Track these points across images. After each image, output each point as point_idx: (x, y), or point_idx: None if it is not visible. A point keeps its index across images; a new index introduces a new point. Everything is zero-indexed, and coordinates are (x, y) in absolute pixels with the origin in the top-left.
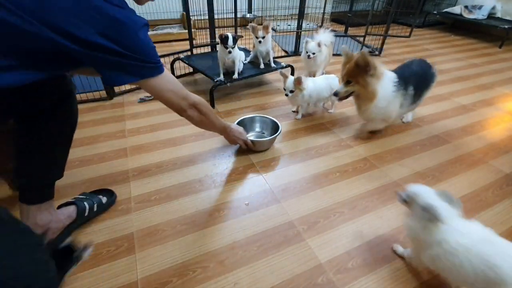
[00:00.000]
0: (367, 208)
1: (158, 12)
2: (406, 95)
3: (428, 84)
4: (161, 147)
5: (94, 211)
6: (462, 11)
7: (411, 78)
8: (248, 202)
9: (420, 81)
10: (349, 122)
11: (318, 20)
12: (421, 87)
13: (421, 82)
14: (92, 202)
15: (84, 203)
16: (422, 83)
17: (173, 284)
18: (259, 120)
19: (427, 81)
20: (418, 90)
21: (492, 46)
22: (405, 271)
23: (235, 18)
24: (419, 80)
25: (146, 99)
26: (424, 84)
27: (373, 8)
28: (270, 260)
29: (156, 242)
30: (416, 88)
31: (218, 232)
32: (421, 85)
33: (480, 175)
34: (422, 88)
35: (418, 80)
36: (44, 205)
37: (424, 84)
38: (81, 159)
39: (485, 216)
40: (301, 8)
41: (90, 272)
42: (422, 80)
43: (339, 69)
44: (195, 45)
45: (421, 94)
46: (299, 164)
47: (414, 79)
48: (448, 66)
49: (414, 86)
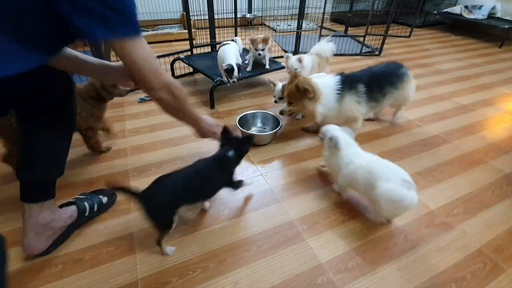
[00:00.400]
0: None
1: (158, 12)
2: (358, 92)
3: (394, 82)
4: (161, 147)
5: (94, 211)
6: (462, 11)
7: (363, 78)
8: (248, 203)
9: (380, 80)
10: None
11: (318, 20)
12: (381, 85)
13: (381, 80)
14: (92, 202)
15: (85, 203)
16: (383, 81)
17: (173, 284)
18: (261, 115)
19: (391, 80)
20: (377, 88)
21: (492, 46)
22: (405, 271)
23: (235, 18)
24: (377, 78)
25: (146, 99)
26: (388, 83)
27: (373, 8)
28: (270, 260)
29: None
30: (371, 85)
31: (218, 232)
32: (382, 83)
33: (480, 175)
34: (383, 86)
35: (375, 78)
36: (46, 204)
37: (387, 82)
38: (81, 159)
39: (485, 216)
40: (301, 8)
41: (90, 272)
42: (382, 78)
43: (339, 69)
44: (195, 45)
45: (384, 92)
46: (299, 164)
47: (368, 78)
48: (448, 66)
49: (366, 84)
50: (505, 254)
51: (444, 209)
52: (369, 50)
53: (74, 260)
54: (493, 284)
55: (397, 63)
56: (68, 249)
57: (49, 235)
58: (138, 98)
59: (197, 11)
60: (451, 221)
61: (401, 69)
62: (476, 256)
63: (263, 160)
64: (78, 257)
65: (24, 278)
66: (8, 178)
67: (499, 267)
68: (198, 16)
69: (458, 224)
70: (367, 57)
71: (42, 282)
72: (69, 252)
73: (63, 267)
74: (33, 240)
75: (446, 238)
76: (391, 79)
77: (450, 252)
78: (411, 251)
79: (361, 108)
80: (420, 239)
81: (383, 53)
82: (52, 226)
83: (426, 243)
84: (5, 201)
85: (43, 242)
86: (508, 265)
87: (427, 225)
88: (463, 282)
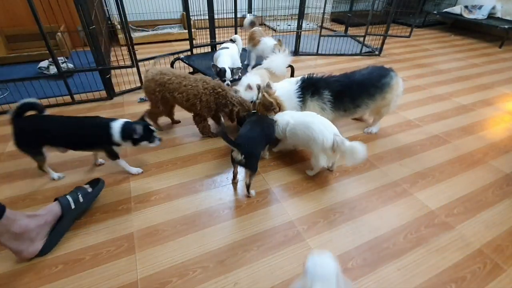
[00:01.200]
0: (367, 208)
1: (158, 12)
2: (323, 99)
3: (372, 94)
4: (161, 147)
5: (81, 202)
6: (462, 11)
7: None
8: (248, 202)
9: (354, 90)
10: (348, 122)
11: (318, 20)
12: (354, 96)
13: (356, 91)
14: (75, 194)
15: (67, 196)
16: (358, 92)
17: (173, 284)
18: None
19: (369, 91)
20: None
21: (492, 46)
22: (405, 271)
23: (235, 18)
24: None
25: (146, 99)
26: (364, 93)
27: (373, 8)
28: (270, 260)
29: (156, 242)
30: (341, 95)
31: (218, 232)
32: (355, 94)
33: (480, 175)
34: (357, 97)
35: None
36: (5, 219)
37: (362, 93)
38: (82, 159)
39: (485, 216)
40: (301, 8)
41: (90, 272)
42: (358, 88)
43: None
44: (195, 45)
45: (357, 103)
46: (299, 164)
47: (340, 86)
48: (448, 66)
49: (334, 92)
50: (505, 254)
51: (444, 209)
52: (369, 50)
53: (74, 260)
54: (493, 284)
55: (382, 70)
56: (68, 249)
57: (34, 237)
58: (138, 98)
59: (197, 11)
60: (451, 221)
61: (383, 79)
62: (476, 256)
63: (263, 159)
64: (78, 257)
65: (24, 278)
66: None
67: (499, 267)
68: (198, 16)
69: (458, 224)
70: (367, 57)
71: (42, 282)
72: (69, 252)
73: (63, 267)
74: (20, 246)
75: (446, 238)
76: (369, 90)
77: (450, 252)
78: (411, 251)
79: (326, 114)
80: (420, 239)
81: (383, 53)
82: (33, 230)
83: (426, 243)
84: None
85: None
86: (508, 265)
87: (427, 225)
88: (463, 282)
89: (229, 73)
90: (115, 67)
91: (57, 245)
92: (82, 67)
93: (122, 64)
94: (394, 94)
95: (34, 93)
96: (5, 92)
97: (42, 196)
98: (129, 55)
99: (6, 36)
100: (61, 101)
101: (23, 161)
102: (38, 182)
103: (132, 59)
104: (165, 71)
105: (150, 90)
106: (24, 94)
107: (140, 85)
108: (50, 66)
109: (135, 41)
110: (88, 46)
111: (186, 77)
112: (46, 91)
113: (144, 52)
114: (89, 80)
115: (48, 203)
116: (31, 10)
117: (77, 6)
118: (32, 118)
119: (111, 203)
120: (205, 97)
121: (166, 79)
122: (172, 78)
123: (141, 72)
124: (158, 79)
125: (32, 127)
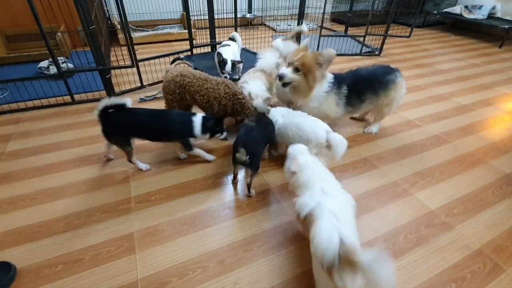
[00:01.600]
0: (367, 208)
1: (158, 12)
2: (340, 94)
3: (375, 90)
4: (161, 147)
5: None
6: (462, 11)
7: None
8: (248, 202)
9: (364, 84)
10: (348, 122)
11: (318, 20)
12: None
13: (365, 85)
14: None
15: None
16: (366, 86)
17: (173, 284)
18: None
19: (374, 86)
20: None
21: (492, 46)
22: (405, 271)
23: (235, 18)
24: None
25: (146, 99)
26: (370, 88)
27: (373, 8)
28: (270, 260)
29: (156, 242)
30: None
31: (218, 232)
32: (364, 88)
33: (480, 175)
34: (364, 91)
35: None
36: None
37: (369, 87)
38: (82, 159)
39: (485, 216)
40: (301, 8)
41: (90, 272)
42: (366, 83)
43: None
44: (195, 45)
45: (362, 98)
46: None
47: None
48: (448, 66)
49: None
50: (505, 254)
51: (444, 209)
52: (369, 50)
53: (74, 260)
54: (493, 284)
55: (388, 68)
56: (68, 249)
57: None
58: (138, 98)
59: (197, 11)
60: (451, 221)
61: (388, 76)
62: (476, 256)
63: (264, 159)
64: (78, 257)
65: (24, 278)
66: None
67: (499, 267)
68: (198, 16)
69: (458, 224)
70: (367, 57)
71: (42, 282)
72: (69, 252)
73: (63, 267)
74: None
75: (446, 238)
76: (374, 86)
77: (450, 252)
78: (411, 251)
79: (339, 109)
80: (420, 239)
81: (383, 53)
82: None
83: (426, 243)
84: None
85: None
86: (508, 265)
87: (427, 225)
88: (463, 282)
89: (229, 66)
90: (115, 67)
91: (57, 245)
92: (82, 67)
93: (122, 64)
94: (398, 93)
95: (34, 93)
96: (5, 92)
97: (42, 196)
98: (129, 55)
99: (6, 36)
100: (61, 101)
101: (23, 161)
102: (38, 182)
103: (132, 59)
104: (184, 72)
105: (170, 91)
106: (24, 94)
107: (140, 85)
108: (50, 66)
109: (135, 41)
110: (88, 46)
111: (208, 79)
112: (46, 91)
113: (144, 52)
114: (89, 80)
115: (48, 203)
116: (31, 10)
117: (77, 6)
118: (125, 113)
119: (111, 203)
120: (225, 101)
121: (187, 81)
122: (193, 80)
123: (141, 72)
124: (178, 81)
125: (123, 121)
